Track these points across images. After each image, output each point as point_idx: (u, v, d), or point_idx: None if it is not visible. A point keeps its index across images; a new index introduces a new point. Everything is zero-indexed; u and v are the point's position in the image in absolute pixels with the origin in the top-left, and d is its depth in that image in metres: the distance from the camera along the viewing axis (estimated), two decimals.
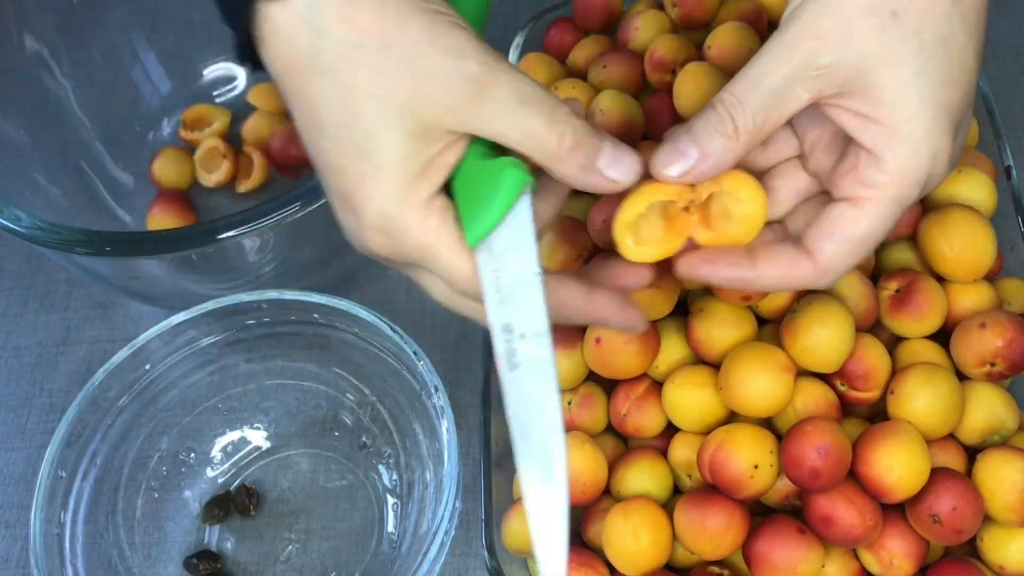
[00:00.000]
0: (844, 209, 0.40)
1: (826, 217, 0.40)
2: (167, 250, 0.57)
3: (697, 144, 0.39)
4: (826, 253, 0.40)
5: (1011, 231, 0.56)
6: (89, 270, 0.63)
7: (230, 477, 0.64)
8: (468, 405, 0.64)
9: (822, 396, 0.51)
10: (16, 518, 0.66)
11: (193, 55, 0.79)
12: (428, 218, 0.38)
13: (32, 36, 0.70)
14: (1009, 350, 0.50)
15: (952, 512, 0.46)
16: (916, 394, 0.49)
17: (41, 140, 0.70)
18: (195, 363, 0.62)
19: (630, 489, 0.52)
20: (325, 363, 0.63)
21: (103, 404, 0.59)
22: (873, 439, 0.48)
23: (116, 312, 0.73)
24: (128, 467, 0.61)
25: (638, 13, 0.65)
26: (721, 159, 0.39)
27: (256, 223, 0.56)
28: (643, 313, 0.43)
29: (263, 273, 0.65)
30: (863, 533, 0.47)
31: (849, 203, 0.40)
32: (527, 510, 0.37)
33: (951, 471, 0.48)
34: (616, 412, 0.54)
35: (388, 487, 0.62)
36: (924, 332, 0.53)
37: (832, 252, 0.40)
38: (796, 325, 0.50)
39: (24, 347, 0.73)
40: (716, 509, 0.48)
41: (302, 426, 0.65)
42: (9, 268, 0.76)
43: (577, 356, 0.54)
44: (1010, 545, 0.48)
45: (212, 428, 0.64)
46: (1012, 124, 0.69)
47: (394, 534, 0.60)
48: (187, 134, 0.77)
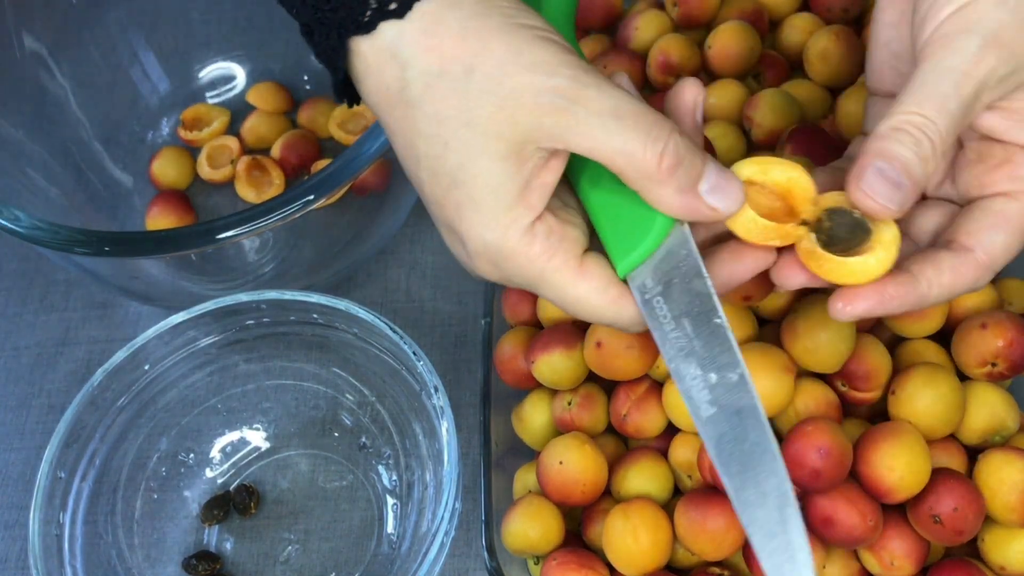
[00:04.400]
0: (1003, 203, 0.38)
1: (983, 212, 0.38)
2: (166, 250, 0.57)
3: (909, 173, 0.36)
4: (993, 247, 0.38)
5: None
6: (88, 270, 0.63)
7: (229, 477, 0.64)
8: (468, 405, 0.64)
9: (823, 396, 0.51)
10: (15, 518, 0.66)
11: (192, 55, 0.79)
12: (531, 245, 0.37)
13: (31, 36, 0.70)
14: (1010, 350, 0.50)
15: (953, 513, 0.46)
16: (917, 394, 0.49)
17: (40, 140, 0.70)
18: (194, 363, 0.62)
19: (630, 490, 0.52)
20: (324, 363, 0.63)
21: (102, 404, 0.59)
22: (874, 439, 0.48)
23: (115, 312, 0.73)
24: (127, 467, 0.61)
25: (638, 13, 0.65)
26: (923, 188, 0.37)
27: (256, 223, 0.56)
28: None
29: (263, 273, 0.65)
30: (864, 534, 0.47)
31: (1006, 197, 0.38)
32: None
33: (952, 472, 0.48)
34: (616, 413, 0.54)
35: (388, 487, 0.62)
36: (925, 332, 0.53)
37: (998, 245, 0.38)
38: (796, 325, 0.50)
39: (23, 347, 0.72)
40: (716, 510, 0.48)
41: (301, 426, 0.65)
42: (8, 268, 0.76)
43: (577, 356, 0.54)
44: (1011, 545, 0.48)
45: (211, 428, 0.64)
46: None
47: (394, 535, 0.60)
48: (186, 134, 0.77)
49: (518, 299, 0.59)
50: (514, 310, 0.59)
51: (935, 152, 0.37)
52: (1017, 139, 0.38)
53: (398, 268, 0.71)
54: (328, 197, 0.57)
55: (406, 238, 0.72)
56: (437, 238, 0.72)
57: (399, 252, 0.72)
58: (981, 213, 0.39)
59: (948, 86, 0.36)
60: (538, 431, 0.56)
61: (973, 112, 0.37)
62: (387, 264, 0.72)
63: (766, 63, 0.62)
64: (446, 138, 0.36)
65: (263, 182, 0.75)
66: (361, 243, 0.66)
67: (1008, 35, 0.36)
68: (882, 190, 0.37)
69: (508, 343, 0.57)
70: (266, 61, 0.80)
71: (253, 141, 0.77)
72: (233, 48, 0.80)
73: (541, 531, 0.51)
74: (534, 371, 0.55)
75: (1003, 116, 0.38)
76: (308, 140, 0.76)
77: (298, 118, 0.78)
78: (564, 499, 0.52)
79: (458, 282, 0.70)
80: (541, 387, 0.57)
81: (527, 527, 0.51)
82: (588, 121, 0.35)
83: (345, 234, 0.65)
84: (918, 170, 0.37)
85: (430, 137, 0.37)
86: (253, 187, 0.75)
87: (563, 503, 0.52)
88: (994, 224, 0.38)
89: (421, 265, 0.71)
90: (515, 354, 0.57)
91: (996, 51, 0.36)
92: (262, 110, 0.78)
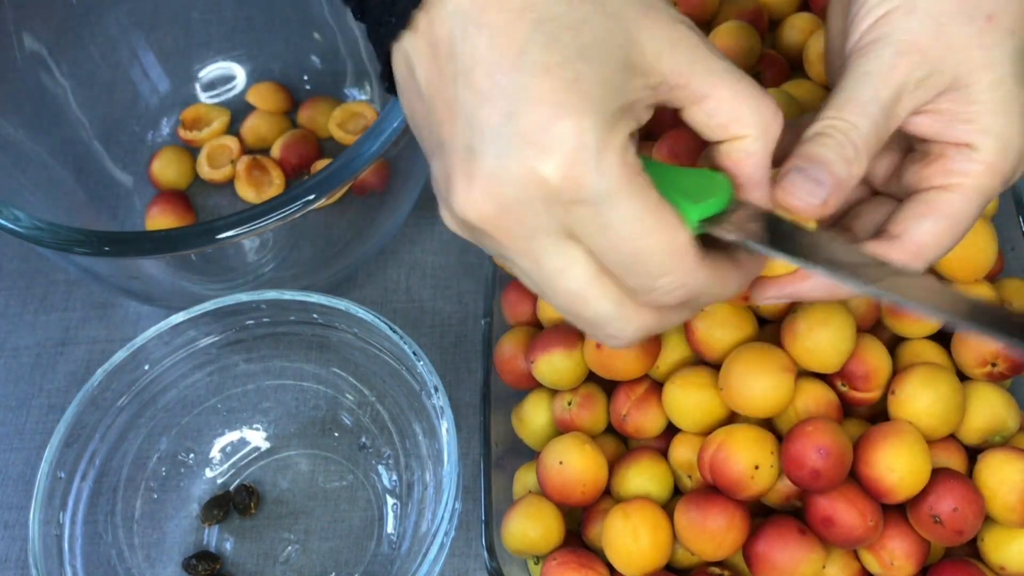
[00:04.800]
0: (935, 193, 0.39)
1: (914, 202, 0.40)
2: (166, 250, 0.57)
3: (830, 171, 0.38)
4: (920, 233, 0.39)
5: (1011, 231, 0.56)
6: (88, 270, 0.63)
7: (229, 477, 0.64)
8: (468, 405, 0.64)
9: (823, 396, 0.51)
10: (15, 518, 0.66)
11: (192, 55, 0.79)
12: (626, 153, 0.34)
13: (31, 36, 0.70)
14: (1010, 350, 0.50)
15: (953, 513, 0.46)
16: (917, 394, 0.49)
17: (40, 140, 0.70)
18: (194, 363, 0.62)
19: (630, 490, 0.52)
20: (324, 363, 0.63)
21: (102, 404, 0.59)
22: (874, 440, 0.48)
23: (115, 312, 0.73)
24: (127, 467, 0.61)
25: None
26: (847, 187, 0.39)
27: (256, 223, 0.56)
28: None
29: (263, 273, 0.65)
30: (864, 534, 0.47)
31: (939, 189, 0.39)
32: None
33: (952, 472, 0.48)
34: (616, 413, 0.54)
35: (388, 488, 0.62)
36: (925, 332, 0.53)
37: (925, 232, 0.39)
38: (797, 325, 0.50)
39: (23, 347, 0.72)
40: (716, 510, 0.48)
41: (301, 426, 0.65)
42: (8, 268, 0.76)
43: (577, 356, 0.54)
44: (1011, 546, 0.48)
45: (211, 428, 0.64)
46: None
47: (394, 535, 0.60)
48: (186, 134, 0.77)
49: (518, 299, 0.59)
50: (514, 310, 0.59)
51: (858, 153, 0.38)
52: (947, 137, 0.39)
53: (398, 268, 0.71)
54: (328, 197, 0.57)
55: (406, 238, 0.72)
56: (437, 238, 0.72)
57: (399, 252, 0.72)
58: (913, 203, 0.40)
59: (868, 91, 0.38)
60: (538, 431, 0.56)
61: (896, 115, 0.39)
62: (387, 264, 0.72)
63: (766, 63, 0.62)
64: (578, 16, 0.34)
65: (263, 182, 0.75)
66: (361, 243, 0.66)
67: (921, 42, 0.38)
68: (802, 188, 0.38)
69: (508, 343, 0.57)
70: (266, 61, 0.80)
71: (253, 141, 0.77)
72: (233, 48, 0.80)
73: (541, 531, 0.51)
74: (534, 371, 0.55)
75: (932, 118, 0.39)
76: (308, 140, 0.76)
77: (298, 118, 0.78)
78: (564, 499, 0.52)
79: (458, 282, 0.70)
80: (541, 387, 0.57)
81: (527, 527, 0.51)
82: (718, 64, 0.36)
83: (345, 234, 0.65)
84: (839, 169, 0.38)
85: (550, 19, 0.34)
86: (253, 187, 0.75)
87: (563, 503, 0.52)
88: (923, 212, 0.39)
89: (421, 265, 0.71)
90: (515, 354, 0.57)
91: (909, 57, 0.38)
92: (262, 110, 0.78)
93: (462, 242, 0.72)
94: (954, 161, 0.39)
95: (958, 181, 0.39)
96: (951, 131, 0.39)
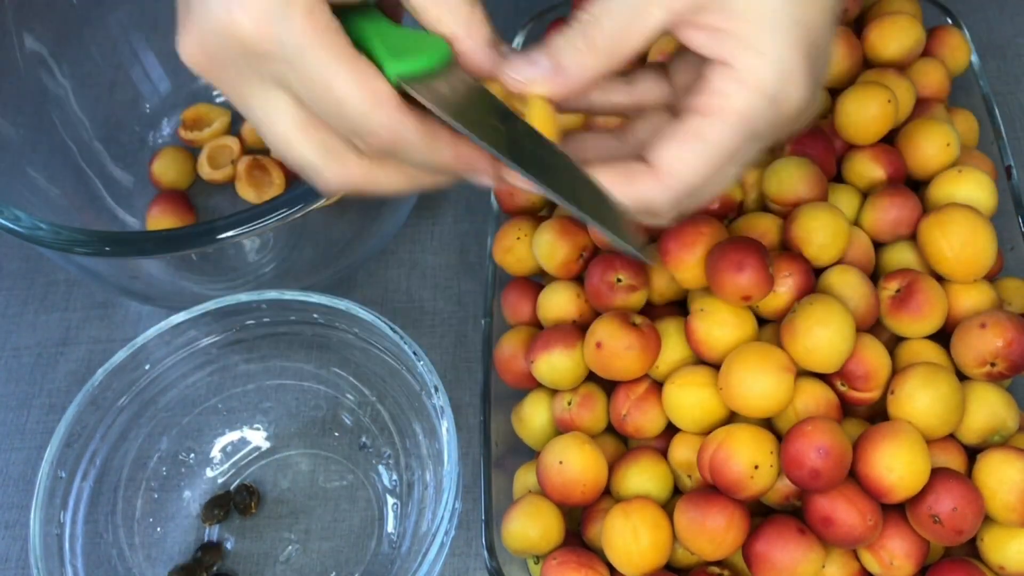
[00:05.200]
0: (689, 118, 0.39)
1: (669, 128, 0.39)
2: (166, 250, 0.57)
3: (550, 57, 0.39)
4: (665, 159, 0.39)
5: (1011, 231, 0.56)
6: (88, 270, 0.63)
7: (230, 477, 0.64)
8: (468, 405, 0.64)
9: (822, 396, 0.51)
10: (16, 518, 0.66)
11: None
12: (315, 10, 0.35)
13: (31, 36, 0.70)
14: (1009, 350, 0.50)
15: (952, 512, 0.46)
16: (916, 394, 0.49)
17: (41, 140, 0.70)
18: (194, 363, 0.62)
19: (630, 489, 0.52)
20: (325, 363, 0.63)
21: (103, 404, 0.59)
22: (873, 439, 0.48)
23: (115, 312, 0.73)
24: (128, 467, 0.61)
25: None
26: (575, 74, 0.39)
27: (256, 223, 0.56)
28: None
29: (263, 273, 0.65)
30: (863, 533, 0.47)
31: (695, 113, 0.39)
32: None
33: (951, 471, 0.48)
34: (616, 412, 0.54)
35: (388, 487, 0.62)
36: (924, 332, 0.53)
37: (672, 157, 0.39)
38: (796, 325, 0.50)
39: (24, 347, 0.72)
40: (716, 509, 0.48)
41: (302, 426, 0.65)
42: (8, 268, 0.76)
43: (577, 356, 0.54)
44: (1010, 545, 0.48)
45: (212, 428, 0.64)
46: (1012, 124, 0.69)
47: (394, 534, 0.60)
48: (187, 134, 0.77)
49: (518, 299, 0.59)
50: (514, 310, 0.59)
51: (591, 46, 0.38)
52: (715, 54, 0.38)
53: (398, 268, 0.71)
54: (328, 197, 0.57)
55: (406, 238, 0.73)
56: (437, 238, 0.72)
57: (399, 252, 0.72)
58: (671, 128, 0.39)
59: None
60: (538, 431, 0.56)
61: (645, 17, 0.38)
62: (387, 264, 0.72)
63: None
64: None
65: (263, 182, 0.75)
66: (361, 243, 0.66)
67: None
68: (515, 65, 0.39)
69: (508, 343, 0.57)
70: None
71: (254, 141, 0.77)
72: None
73: (541, 531, 0.52)
74: (534, 371, 0.55)
75: (705, 35, 0.38)
76: None
77: None
78: (564, 499, 0.52)
79: (458, 282, 0.70)
80: (541, 387, 0.57)
81: (527, 527, 0.51)
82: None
83: (345, 234, 0.65)
84: (565, 56, 0.39)
85: None
86: (254, 187, 0.75)
87: (563, 503, 0.52)
88: (679, 138, 0.39)
89: (421, 265, 0.71)
90: (515, 354, 0.57)
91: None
92: None
93: (462, 242, 0.73)
94: (714, 81, 0.38)
95: (717, 103, 0.38)
96: (719, 46, 0.38)
